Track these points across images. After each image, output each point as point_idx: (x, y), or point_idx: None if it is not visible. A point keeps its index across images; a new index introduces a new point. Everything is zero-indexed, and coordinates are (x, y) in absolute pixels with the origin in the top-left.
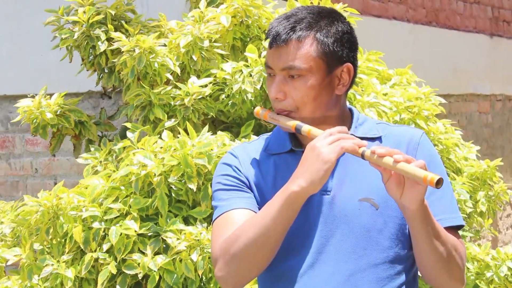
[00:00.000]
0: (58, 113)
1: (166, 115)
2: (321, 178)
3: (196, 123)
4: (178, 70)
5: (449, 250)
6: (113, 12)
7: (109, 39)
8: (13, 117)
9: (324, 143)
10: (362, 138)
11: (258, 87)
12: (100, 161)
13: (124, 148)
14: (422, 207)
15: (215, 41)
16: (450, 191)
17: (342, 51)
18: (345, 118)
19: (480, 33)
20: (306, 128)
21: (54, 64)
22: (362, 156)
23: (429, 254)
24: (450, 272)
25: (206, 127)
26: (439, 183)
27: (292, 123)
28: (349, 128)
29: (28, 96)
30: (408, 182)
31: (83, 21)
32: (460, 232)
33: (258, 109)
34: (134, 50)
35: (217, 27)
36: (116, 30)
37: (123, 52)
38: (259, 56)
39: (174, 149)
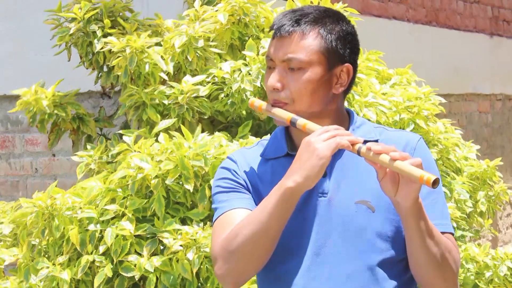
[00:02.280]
0: (54, 102)
1: (159, 116)
2: (316, 174)
3: (191, 122)
4: (171, 70)
5: (442, 251)
6: (109, 6)
7: (106, 36)
8: (13, 117)
9: (320, 139)
10: None
11: (258, 83)
12: (94, 159)
13: (120, 152)
14: (416, 205)
15: (212, 40)
16: (442, 198)
17: (344, 50)
18: (343, 119)
19: (480, 33)
20: (301, 121)
21: (54, 64)
22: (358, 152)
23: (422, 254)
24: (443, 275)
25: (199, 129)
26: (435, 183)
27: (287, 116)
28: (346, 129)
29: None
30: (403, 179)
31: (79, 17)
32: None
33: (253, 100)
34: (125, 50)
35: (214, 26)
36: (113, 26)
37: (116, 52)
38: (258, 54)
39: (171, 151)
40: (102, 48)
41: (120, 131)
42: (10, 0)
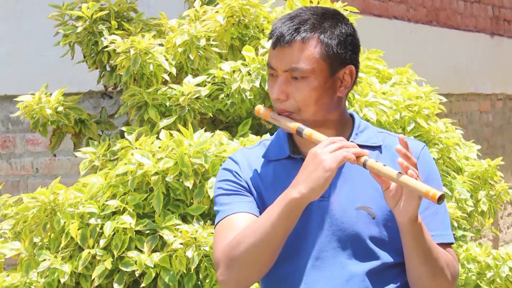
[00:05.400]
0: (58, 110)
1: (159, 116)
2: (322, 186)
3: (192, 122)
4: (174, 71)
5: (440, 267)
6: (116, 9)
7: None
8: (13, 117)
9: (326, 150)
10: (361, 146)
11: (257, 84)
12: (98, 156)
13: (122, 148)
14: (414, 225)
15: (213, 40)
16: (444, 208)
17: (345, 53)
18: (346, 122)
19: (480, 32)
20: (307, 131)
21: (55, 64)
22: (364, 165)
23: (419, 269)
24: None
25: (191, 128)
26: (441, 199)
27: (293, 125)
28: (349, 134)
29: (29, 93)
30: (405, 196)
31: (87, 16)
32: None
33: (259, 108)
34: (129, 51)
35: (214, 26)
36: (119, 27)
37: (119, 53)
38: (257, 54)
39: (172, 149)
40: (107, 46)
41: (123, 128)
42: (11, 1)
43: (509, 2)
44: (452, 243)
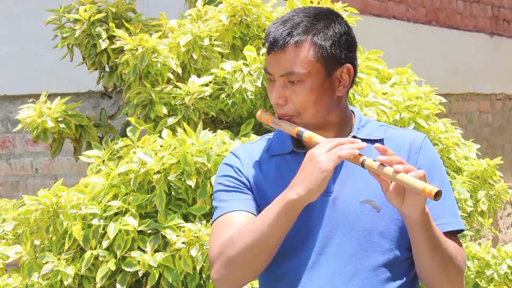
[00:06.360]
0: (59, 119)
1: (165, 109)
2: (319, 187)
3: (197, 122)
4: (179, 70)
5: (448, 256)
6: (114, 10)
7: (110, 38)
8: (13, 117)
9: (323, 150)
10: (364, 140)
11: (258, 84)
12: (103, 160)
13: (124, 146)
14: (423, 216)
15: (215, 40)
16: (451, 196)
17: (340, 53)
18: (347, 119)
19: (480, 32)
20: (307, 134)
21: (54, 65)
22: (362, 164)
23: (428, 260)
24: (449, 278)
25: (200, 126)
26: (437, 195)
27: (294, 129)
28: (351, 130)
29: (29, 101)
30: (408, 191)
31: (84, 19)
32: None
33: (260, 113)
34: (137, 49)
35: (216, 26)
36: (117, 28)
37: (125, 51)
38: (258, 54)
39: (174, 148)
40: (110, 45)
41: (130, 118)
42: (11, 2)
43: (508, 2)
44: (463, 230)
